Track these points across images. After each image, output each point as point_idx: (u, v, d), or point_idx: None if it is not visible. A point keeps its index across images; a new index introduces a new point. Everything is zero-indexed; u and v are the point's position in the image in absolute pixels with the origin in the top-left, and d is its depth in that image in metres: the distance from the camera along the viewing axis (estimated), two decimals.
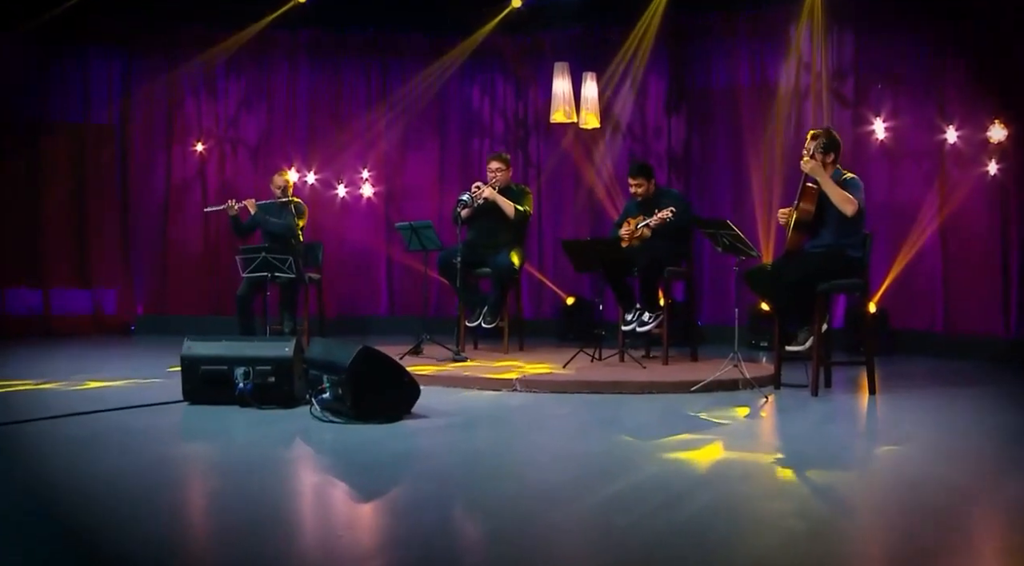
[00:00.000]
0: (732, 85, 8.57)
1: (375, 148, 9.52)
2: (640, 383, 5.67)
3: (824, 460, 3.86)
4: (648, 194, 6.66)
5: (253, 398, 4.97)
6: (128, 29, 9.02)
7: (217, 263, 9.28)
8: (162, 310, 9.28)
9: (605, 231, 9.02)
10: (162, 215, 9.36)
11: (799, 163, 7.66)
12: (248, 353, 5.08)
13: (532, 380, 5.75)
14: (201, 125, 9.40)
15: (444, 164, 9.63)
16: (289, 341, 5.16)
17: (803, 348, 5.43)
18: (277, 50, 9.41)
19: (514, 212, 7.03)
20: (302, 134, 9.44)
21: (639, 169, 6.71)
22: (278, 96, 9.44)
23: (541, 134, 9.43)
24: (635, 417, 4.87)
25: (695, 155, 8.81)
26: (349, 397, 4.61)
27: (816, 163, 5.35)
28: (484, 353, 7.14)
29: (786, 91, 8.21)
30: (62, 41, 8.85)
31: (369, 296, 9.58)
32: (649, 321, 6.51)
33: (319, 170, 9.38)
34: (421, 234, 6.91)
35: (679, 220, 6.36)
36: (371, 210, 9.53)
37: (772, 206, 8.15)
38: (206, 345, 5.14)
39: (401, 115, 9.49)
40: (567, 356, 6.71)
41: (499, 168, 7.14)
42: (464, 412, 5.01)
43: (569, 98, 7.57)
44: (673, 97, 8.88)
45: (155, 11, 8.91)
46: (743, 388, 5.66)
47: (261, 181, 9.01)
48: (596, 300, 6.38)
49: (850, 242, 5.41)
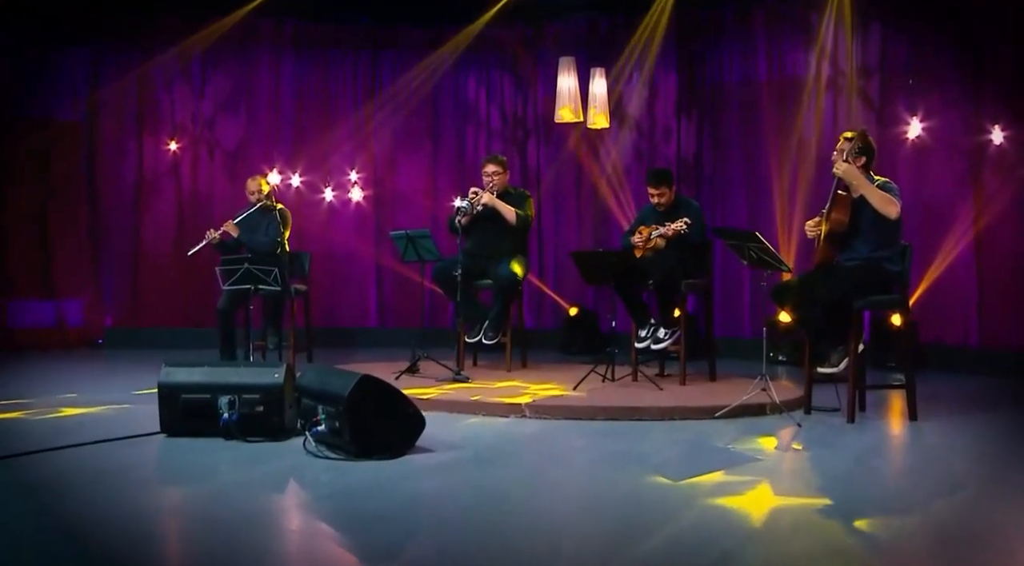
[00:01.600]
0: (747, 81, 8.37)
1: (365, 148, 9.29)
2: (660, 409, 5.44)
3: (878, 507, 3.64)
4: (669, 203, 6.44)
5: (239, 430, 4.71)
6: (98, 17, 8.68)
7: (193, 271, 8.94)
8: (133, 322, 9.00)
9: (610, 238, 8.89)
10: (133, 219, 9.09)
11: (821, 165, 7.58)
12: (233, 380, 4.81)
13: (543, 406, 5.51)
14: (175, 122, 9.13)
15: (437, 166, 9.41)
16: (279, 367, 4.90)
17: (837, 370, 5.22)
18: (259, 41, 9.14)
19: (515, 218, 6.80)
20: (286, 133, 9.19)
21: (661, 177, 6.47)
22: (260, 92, 9.18)
23: (542, 134, 9.24)
24: (661, 450, 4.64)
25: (707, 157, 8.61)
26: (347, 431, 4.36)
27: (850, 166, 5.14)
28: (485, 371, 6.90)
29: (806, 88, 8.01)
30: (24, 30, 8.51)
31: (357, 307, 9.35)
32: (665, 338, 6.31)
33: (305, 172, 9.11)
34: (418, 244, 6.66)
35: (692, 236, 6.16)
36: (359, 215, 9.29)
37: (792, 213, 7.95)
38: (186, 372, 4.87)
39: (393, 113, 9.27)
40: (574, 373, 6.60)
41: (496, 171, 6.90)
42: (472, 444, 4.77)
43: (575, 95, 7.34)
44: (684, 94, 8.66)
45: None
46: (771, 413, 5.46)
47: (241, 183, 8.66)
48: (608, 316, 6.14)
49: (887, 254, 5.20)
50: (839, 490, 3.90)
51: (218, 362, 5.53)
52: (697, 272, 6.44)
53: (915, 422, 5.24)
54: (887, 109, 7.66)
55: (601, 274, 6.18)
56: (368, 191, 9.23)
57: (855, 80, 7.75)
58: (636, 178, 8.83)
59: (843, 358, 5.19)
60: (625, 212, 8.77)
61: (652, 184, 6.45)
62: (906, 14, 7.54)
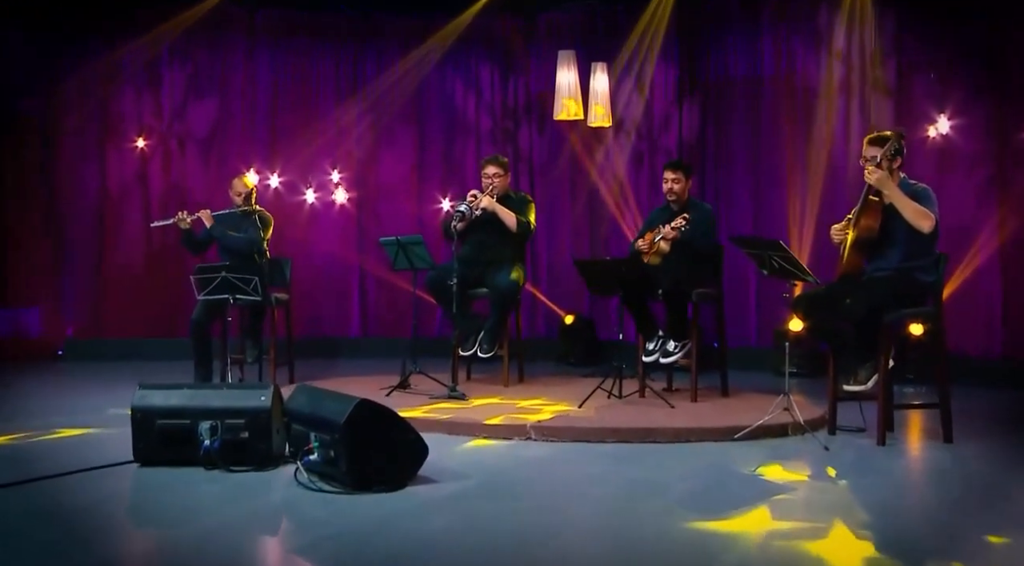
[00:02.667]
0: (754, 76, 8.16)
1: (347, 146, 9.02)
2: (675, 430, 5.22)
3: (937, 553, 3.42)
4: (681, 199, 6.23)
5: (222, 459, 4.44)
6: (56, 3, 8.30)
7: (162, 277, 8.73)
8: (96, 332, 8.68)
9: (608, 241, 8.70)
10: (97, 222, 8.75)
11: (833, 166, 7.40)
12: (215, 404, 4.53)
13: (549, 427, 5.27)
14: (142, 118, 8.80)
15: (424, 165, 9.16)
16: (265, 389, 4.62)
17: (865, 388, 5.02)
18: (232, 31, 8.83)
19: (516, 224, 6.58)
20: (263, 130, 8.91)
21: (678, 163, 6.37)
22: (233, 85, 8.90)
23: (534, 131, 9.00)
24: (684, 479, 4.41)
25: (710, 157, 8.41)
26: (344, 461, 4.11)
27: (884, 174, 4.94)
28: (481, 386, 6.67)
29: (818, 82, 7.84)
30: None
31: (339, 315, 9.07)
32: (675, 351, 6.10)
33: (284, 172, 8.82)
34: (410, 251, 6.40)
35: (694, 238, 5.96)
36: (341, 217, 9.03)
37: (803, 216, 7.77)
38: (163, 394, 4.59)
39: (377, 108, 9.03)
40: (575, 387, 6.48)
41: (497, 173, 6.67)
42: (477, 472, 4.52)
43: (576, 92, 7.11)
44: (686, 90, 8.45)
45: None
46: (792, 433, 5.25)
47: (215, 185, 8.50)
48: (611, 326, 5.93)
49: (921, 264, 5.00)
50: (890, 531, 3.68)
51: (198, 384, 5.24)
52: (708, 280, 6.24)
53: (951, 444, 5.05)
54: (905, 105, 7.47)
55: (608, 283, 5.96)
56: (351, 192, 8.95)
57: (870, 75, 7.56)
58: (634, 178, 8.64)
59: (872, 375, 4.99)
60: (624, 215, 8.57)
61: (669, 168, 6.30)
62: (925, 2, 7.33)
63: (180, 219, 6.73)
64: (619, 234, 8.61)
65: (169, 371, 7.49)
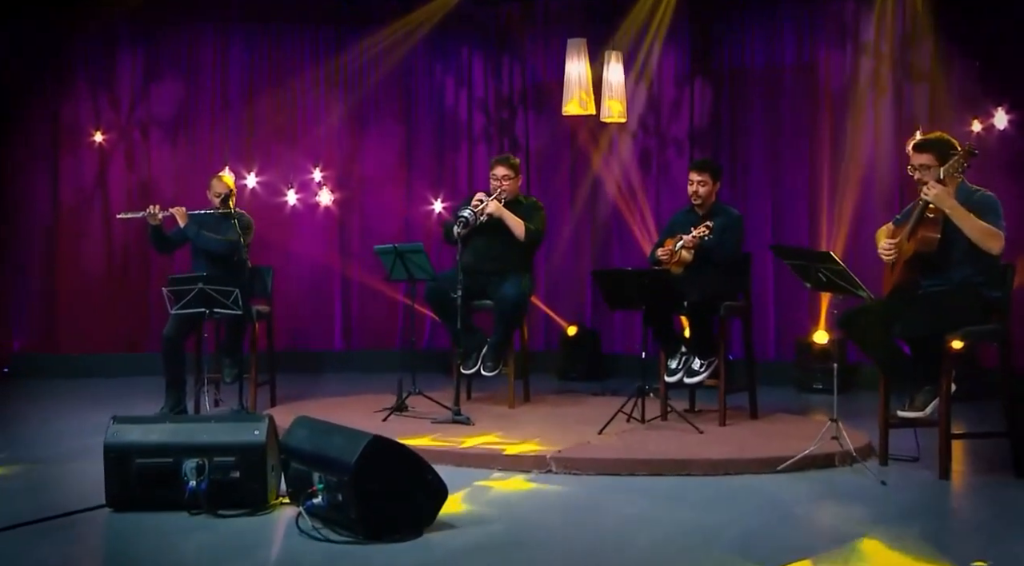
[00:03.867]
0: (772, 66, 7.87)
1: (327, 141, 8.63)
2: (713, 462, 4.90)
3: None
4: (707, 203, 5.92)
5: (210, 502, 4.06)
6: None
7: (125, 285, 8.34)
8: (48, 347, 8.25)
9: (611, 244, 8.40)
10: (49, 225, 8.33)
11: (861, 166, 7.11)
12: (202, 439, 4.16)
13: (571, 459, 4.94)
14: (98, 112, 8.37)
15: (412, 163, 8.81)
16: (259, 422, 4.25)
17: (923, 414, 4.73)
18: (202, 16, 8.40)
19: (524, 233, 6.26)
20: (236, 125, 8.48)
21: (705, 163, 6.08)
22: (204, 75, 8.47)
23: (531, 126, 8.68)
24: (737, 522, 4.07)
25: (724, 155, 8.03)
26: (355, 507, 3.74)
27: (943, 191, 4.63)
28: (484, 407, 6.34)
29: (845, 71, 7.55)
30: None
31: (321, 327, 8.71)
32: (701, 370, 5.82)
33: (261, 171, 8.44)
34: (409, 260, 6.04)
35: (715, 245, 5.67)
36: (322, 219, 8.65)
37: (828, 220, 7.52)
38: (142, 429, 4.20)
39: (359, 100, 8.66)
40: (587, 408, 6.36)
41: (507, 175, 6.36)
42: (501, 514, 4.17)
43: (586, 84, 6.78)
44: (698, 81, 8.15)
45: None
46: (840, 464, 4.95)
47: (184, 185, 8.12)
48: (640, 350, 5.62)
49: (987, 279, 4.71)
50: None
51: (182, 418, 4.84)
52: (736, 292, 5.95)
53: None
54: (942, 97, 7.16)
55: (630, 297, 5.63)
56: (335, 192, 8.57)
57: (907, 63, 7.26)
58: (641, 176, 8.33)
59: (931, 400, 4.70)
60: (628, 218, 8.26)
61: (695, 169, 6.00)
62: None
63: (150, 213, 6.31)
64: (624, 237, 8.33)
65: (130, 390, 7.25)
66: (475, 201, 6.24)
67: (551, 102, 8.26)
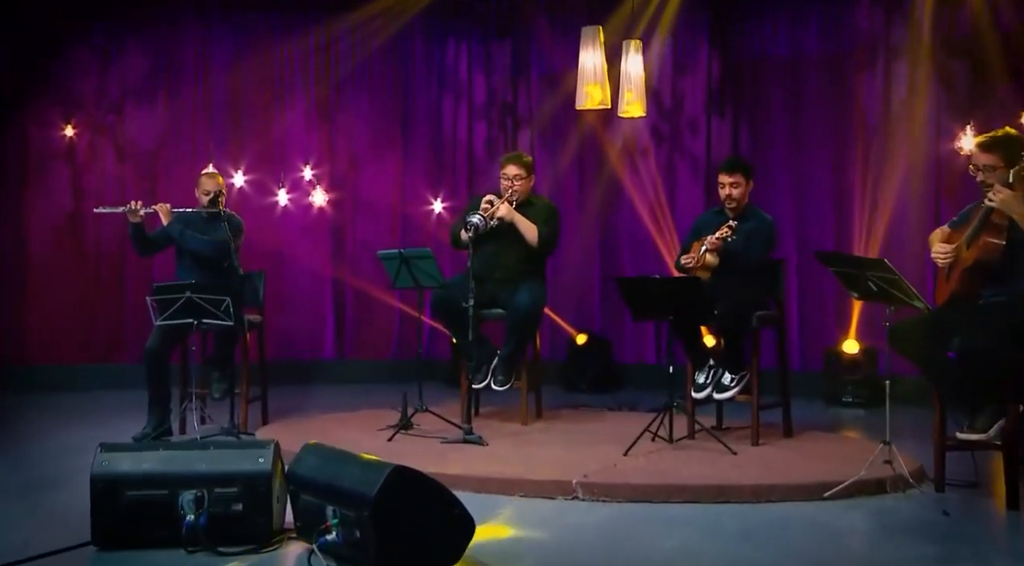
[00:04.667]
0: (797, 55, 7.65)
1: (319, 139, 8.41)
2: (754, 487, 4.66)
3: None
4: (741, 205, 5.70)
5: (209, 537, 3.79)
6: None
7: (96, 289, 8.06)
8: (17, 359, 7.90)
9: (622, 247, 8.21)
10: (13, 226, 7.99)
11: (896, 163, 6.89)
12: (201, 468, 3.89)
13: (599, 484, 4.70)
14: (68, 103, 8.06)
15: (408, 160, 8.62)
16: (264, 447, 3.99)
17: (986, 437, 4.52)
18: (182, 5, 8.13)
19: (537, 238, 6.06)
20: (221, 121, 8.22)
21: (736, 163, 5.84)
22: (185, 68, 8.20)
23: (535, 121, 8.45)
24: (791, 557, 3.85)
25: (744, 150, 7.83)
26: (374, 544, 3.49)
27: (1011, 196, 4.41)
28: (494, 424, 6.13)
29: (875, 64, 7.31)
30: None
31: (311, 335, 8.48)
32: (731, 385, 5.62)
33: (248, 170, 8.17)
34: (415, 267, 5.79)
35: (739, 248, 5.47)
36: (312, 221, 8.41)
37: (859, 223, 7.32)
38: (133, 458, 3.93)
39: (354, 94, 8.49)
40: (600, 421, 6.31)
41: (518, 175, 6.14)
42: (531, 549, 3.93)
43: (602, 76, 6.53)
44: (715, 72, 7.95)
45: None
46: (892, 490, 4.72)
47: (165, 183, 7.89)
48: (665, 362, 5.40)
49: None
50: None
51: (178, 445, 4.57)
52: (768, 300, 5.74)
53: None
54: (985, 85, 6.90)
55: (657, 306, 5.40)
56: (327, 192, 8.33)
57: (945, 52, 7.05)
58: (654, 176, 8.11)
59: (994, 421, 4.49)
60: (639, 218, 8.08)
61: (725, 170, 5.77)
62: None
63: (131, 209, 6.01)
64: (636, 238, 8.15)
65: (106, 405, 7.01)
66: (484, 204, 6.01)
67: (556, 95, 8.12)
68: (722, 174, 5.75)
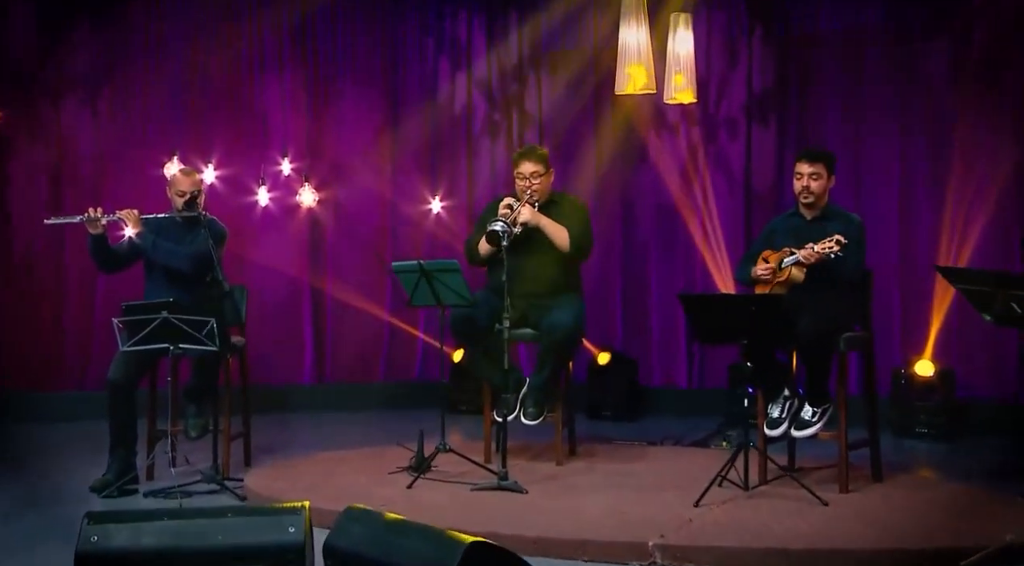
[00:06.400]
0: (856, 29, 7.25)
1: (297, 130, 8.02)
2: (872, 552, 4.25)
3: None
4: (820, 203, 5.34)
5: None
6: None
7: (34, 304, 7.50)
8: None
9: (649, 251, 7.89)
10: None
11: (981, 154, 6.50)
12: (216, 541, 3.43)
13: (680, 547, 4.27)
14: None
15: (398, 155, 8.26)
16: (294, 515, 3.50)
17: None
18: None
19: (568, 243, 5.70)
20: (181, 110, 7.75)
21: (818, 153, 5.41)
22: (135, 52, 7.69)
23: (544, 105, 8.08)
24: None
25: (790, 143, 7.50)
26: None
27: None
28: (522, 464, 5.78)
29: (948, 38, 6.94)
30: None
31: (287, 356, 8.07)
32: (814, 420, 5.22)
33: (220, 165, 7.70)
34: (438, 281, 5.34)
35: (846, 264, 5.08)
36: (288, 221, 7.99)
37: (922, 230, 6.98)
38: (130, 530, 3.44)
39: (333, 79, 8.16)
40: (647, 460, 5.97)
41: (536, 171, 5.78)
42: None
43: (646, 56, 6.12)
44: (758, 52, 7.58)
45: None
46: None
47: (116, 182, 7.45)
48: (739, 392, 5.01)
49: None
50: None
51: (188, 513, 4.04)
52: (856, 319, 5.36)
53: None
54: None
55: (732, 327, 4.98)
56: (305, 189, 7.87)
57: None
58: (686, 169, 7.76)
59: None
60: (670, 218, 7.75)
61: (805, 158, 5.36)
62: None
63: (90, 218, 5.51)
64: (666, 242, 7.84)
65: (56, 441, 6.57)
66: (502, 209, 5.64)
67: (570, 75, 7.85)
68: (801, 163, 5.36)
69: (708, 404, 7.40)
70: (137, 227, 5.57)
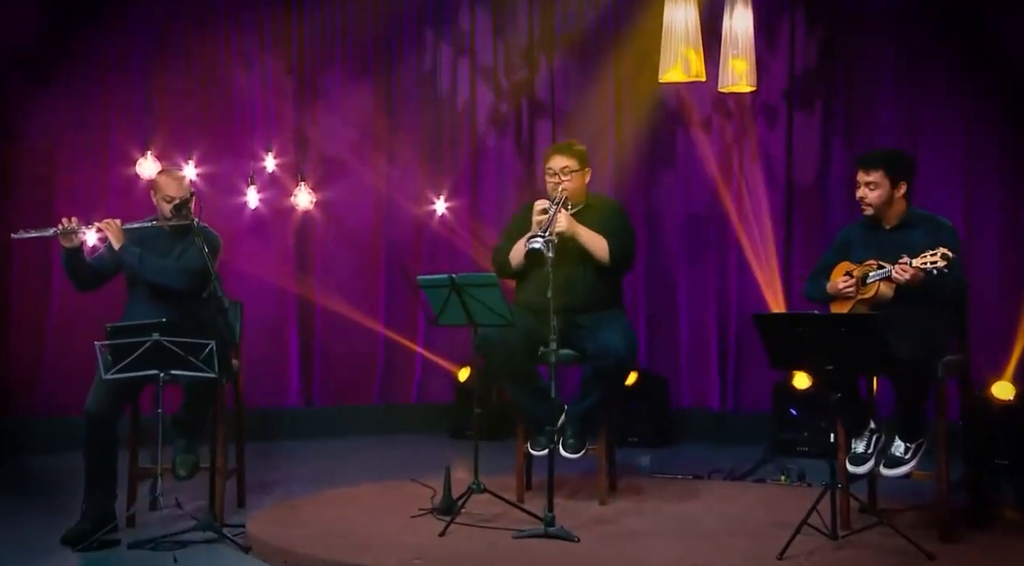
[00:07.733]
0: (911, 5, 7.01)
1: (280, 125, 7.74)
2: None
3: None
4: (887, 212, 5.02)
5: None
6: None
7: None
8: None
9: (680, 259, 7.69)
10: None
11: None
12: None
13: None
14: None
15: (395, 150, 8.08)
16: None
17: None
18: None
19: (608, 253, 5.38)
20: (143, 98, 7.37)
21: (880, 159, 5.06)
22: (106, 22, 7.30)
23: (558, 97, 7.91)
24: None
25: (838, 133, 7.27)
26: None
27: None
28: (560, 503, 5.19)
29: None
30: None
31: (271, 377, 7.77)
32: (907, 457, 4.89)
33: (200, 162, 7.38)
34: (472, 297, 4.96)
35: (949, 280, 4.72)
36: (271, 225, 7.73)
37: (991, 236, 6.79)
38: None
39: (322, 67, 7.91)
40: (701, 498, 5.65)
41: (568, 167, 5.48)
42: None
43: (695, 38, 5.77)
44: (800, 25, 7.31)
45: None
46: None
47: (83, 182, 7.08)
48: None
49: None
50: None
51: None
52: (954, 342, 5.04)
53: None
54: None
55: (815, 352, 4.61)
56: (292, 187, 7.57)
57: None
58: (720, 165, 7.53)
59: None
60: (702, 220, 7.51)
61: (860, 166, 5.06)
62: None
63: (64, 230, 5.12)
64: (695, 248, 7.60)
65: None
66: (537, 215, 5.26)
67: (590, 60, 7.70)
68: (862, 171, 5.05)
69: (745, 429, 7.24)
70: (120, 240, 5.18)
